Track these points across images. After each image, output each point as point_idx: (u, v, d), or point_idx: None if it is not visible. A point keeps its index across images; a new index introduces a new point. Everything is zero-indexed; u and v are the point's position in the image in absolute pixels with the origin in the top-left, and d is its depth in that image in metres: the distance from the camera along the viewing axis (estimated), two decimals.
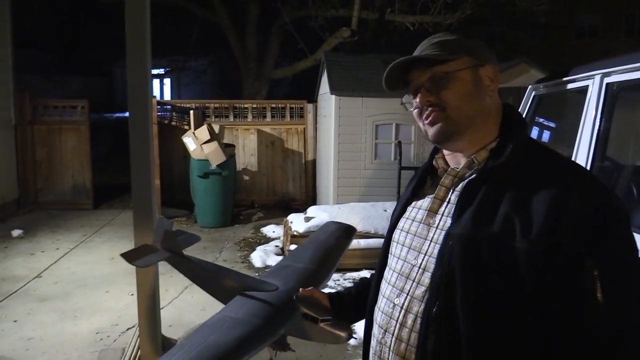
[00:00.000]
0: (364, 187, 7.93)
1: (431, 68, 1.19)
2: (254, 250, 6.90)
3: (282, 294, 1.87)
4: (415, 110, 1.24)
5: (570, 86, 3.23)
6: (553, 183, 1.06)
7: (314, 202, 9.47)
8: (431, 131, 1.21)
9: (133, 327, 4.34)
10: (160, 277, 3.97)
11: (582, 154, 2.80)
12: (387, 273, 1.28)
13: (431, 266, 1.14)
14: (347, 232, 2.90)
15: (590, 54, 14.47)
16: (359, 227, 6.18)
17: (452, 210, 1.15)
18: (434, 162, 1.31)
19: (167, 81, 24.96)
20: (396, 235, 1.30)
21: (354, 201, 7.28)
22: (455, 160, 1.25)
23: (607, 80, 2.76)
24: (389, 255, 1.30)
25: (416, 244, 1.22)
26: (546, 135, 4.17)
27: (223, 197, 8.27)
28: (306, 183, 9.99)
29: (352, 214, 6.31)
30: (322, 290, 1.66)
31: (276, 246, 7.05)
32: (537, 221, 1.02)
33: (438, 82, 1.18)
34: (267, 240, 7.52)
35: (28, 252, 6.73)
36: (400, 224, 1.31)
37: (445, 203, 1.21)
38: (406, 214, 1.30)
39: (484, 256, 1.05)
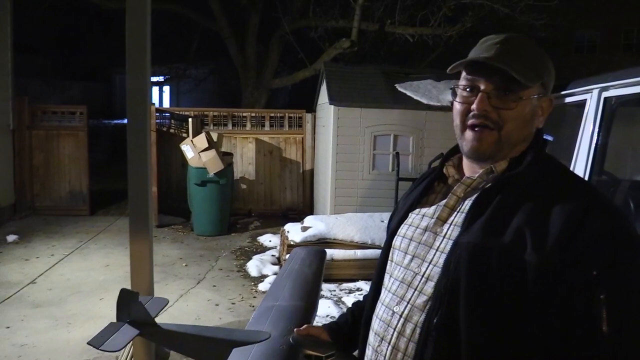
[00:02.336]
0: (362, 198, 7.92)
1: (506, 83, 1.11)
2: (250, 259, 6.88)
3: (277, 340, 1.75)
4: (462, 106, 1.17)
5: (568, 100, 3.24)
6: (570, 200, 1.05)
7: (311, 211, 9.46)
8: (473, 145, 1.15)
9: None
10: (155, 285, 3.94)
11: (580, 168, 2.80)
12: (387, 280, 1.25)
13: (435, 275, 1.12)
14: (319, 256, 2.75)
15: (589, 68, 14.55)
16: (356, 238, 6.17)
17: (462, 219, 1.12)
18: (444, 170, 1.27)
19: (166, 89, 25.00)
20: (397, 242, 1.26)
21: (352, 211, 7.27)
22: (471, 168, 1.22)
23: (605, 94, 2.77)
24: (389, 262, 1.27)
25: (420, 251, 1.19)
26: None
27: (220, 206, 8.25)
28: (304, 193, 9.98)
29: (350, 225, 6.30)
30: (317, 325, 1.60)
31: (272, 255, 7.03)
32: (551, 237, 1.01)
33: (505, 100, 1.12)
34: (263, 249, 7.49)
35: (23, 258, 6.70)
36: (402, 230, 1.27)
37: (456, 212, 1.17)
38: (408, 221, 1.27)
39: (492, 267, 1.03)
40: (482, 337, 1.03)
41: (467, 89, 1.16)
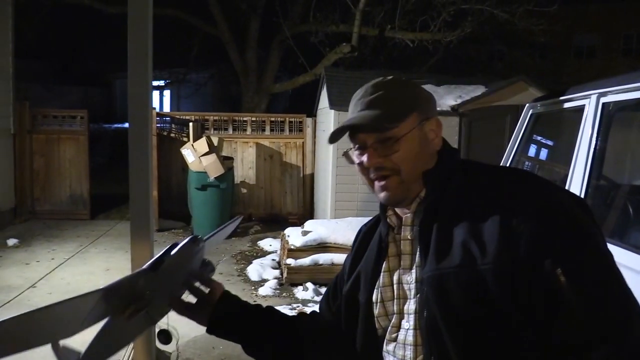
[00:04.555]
0: (362, 202, 7.93)
1: (381, 131, 1.15)
2: (251, 263, 6.88)
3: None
4: (361, 166, 1.21)
5: (567, 105, 3.26)
6: (496, 197, 1.07)
7: (311, 216, 9.47)
8: (384, 195, 1.17)
9: None
10: None
11: (579, 173, 2.82)
12: (383, 346, 1.21)
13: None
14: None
15: (589, 73, 14.57)
16: None
17: (419, 257, 1.13)
18: (388, 221, 1.25)
19: (167, 93, 25.02)
20: (379, 309, 1.22)
21: (352, 216, 7.28)
22: (402, 210, 1.22)
23: (603, 100, 2.79)
24: (377, 331, 1.22)
25: (405, 306, 1.17)
26: (543, 154, 4.19)
27: (220, 210, 8.26)
28: (304, 197, 9.99)
29: (350, 229, 6.31)
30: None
31: (273, 260, 7.04)
32: (492, 239, 1.02)
33: (388, 145, 1.15)
34: (264, 253, 7.50)
35: (23, 262, 6.70)
36: (379, 296, 1.22)
37: (413, 255, 1.17)
38: (379, 283, 1.23)
39: (454, 289, 1.03)
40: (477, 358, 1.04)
41: (358, 149, 1.21)
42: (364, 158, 1.18)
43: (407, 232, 1.19)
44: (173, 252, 1.25)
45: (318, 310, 1.46)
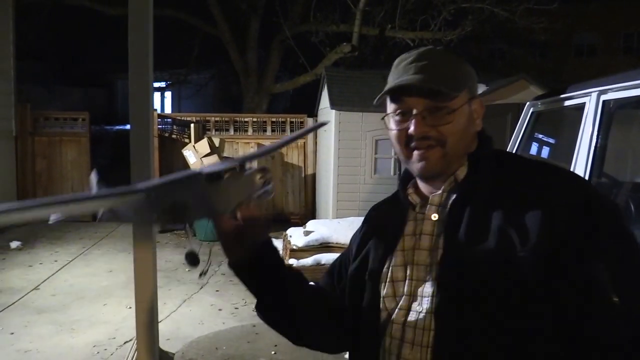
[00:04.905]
0: (364, 202, 7.93)
1: (435, 99, 1.09)
2: None
3: None
4: (400, 132, 1.14)
5: (567, 103, 3.26)
6: (538, 187, 1.06)
7: (313, 216, 9.47)
8: (422, 165, 1.12)
9: (130, 340, 4.32)
10: (158, 291, 3.96)
11: (580, 170, 2.82)
12: (388, 328, 1.14)
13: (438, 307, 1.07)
14: None
15: (589, 71, 14.55)
16: None
17: (443, 240, 1.09)
18: (410, 199, 1.20)
19: (168, 94, 25.04)
20: (389, 289, 1.16)
21: (354, 216, 7.28)
22: (430, 187, 1.18)
23: (603, 97, 2.79)
24: (381, 312, 1.16)
25: (418, 288, 1.11)
26: (544, 152, 4.19)
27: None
28: (305, 197, 10.00)
29: (352, 229, 6.30)
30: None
31: None
32: (534, 228, 0.99)
33: (439, 116, 1.10)
34: None
35: (26, 264, 6.72)
36: (388, 274, 1.16)
37: (435, 236, 1.12)
38: (391, 262, 1.17)
39: (486, 275, 1.00)
40: (497, 341, 1.00)
41: (398, 115, 1.14)
42: (411, 125, 1.11)
43: (432, 211, 1.15)
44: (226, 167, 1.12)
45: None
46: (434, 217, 1.14)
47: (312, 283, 1.35)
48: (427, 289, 1.09)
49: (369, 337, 1.18)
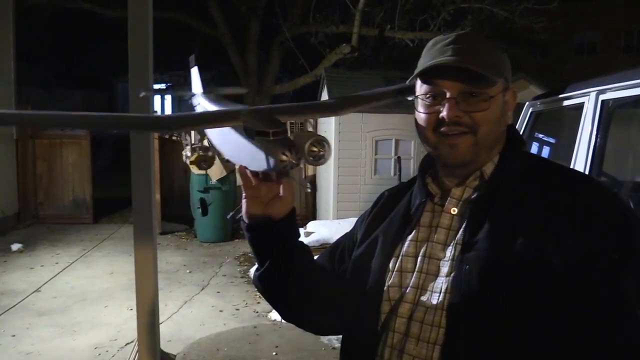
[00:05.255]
0: (364, 203, 7.93)
1: (472, 84, 1.04)
2: (254, 265, 6.87)
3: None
4: (429, 116, 1.09)
5: (566, 103, 3.26)
6: (570, 193, 1.02)
7: (313, 217, 9.47)
8: (452, 152, 1.07)
9: (132, 342, 4.33)
10: (159, 292, 3.97)
11: (579, 170, 2.82)
12: (391, 321, 1.10)
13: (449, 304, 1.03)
14: None
15: (589, 71, 14.56)
16: None
17: (462, 235, 1.05)
18: (429, 188, 1.15)
19: (167, 96, 25.08)
20: (395, 278, 1.11)
21: (354, 216, 7.27)
22: (452, 179, 1.13)
23: (602, 97, 2.80)
24: (385, 302, 1.11)
25: (426, 282, 1.07)
26: (544, 151, 4.20)
27: (223, 212, 8.27)
28: (306, 198, 9.99)
29: None
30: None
31: None
32: (564, 233, 0.97)
33: (473, 102, 1.05)
34: None
35: (27, 266, 6.73)
36: (397, 264, 1.13)
37: (453, 230, 1.08)
38: (400, 251, 1.13)
39: (508, 277, 0.97)
40: (511, 347, 0.98)
41: (430, 97, 1.09)
42: (444, 109, 1.05)
43: (452, 204, 1.10)
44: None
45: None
46: (454, 210, 1.10)
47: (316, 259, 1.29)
48: (439, 284, 1.05)
49: (367, 327, 1.13)
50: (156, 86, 19.73)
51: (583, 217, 0.98)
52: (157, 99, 24.45)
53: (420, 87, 1.12)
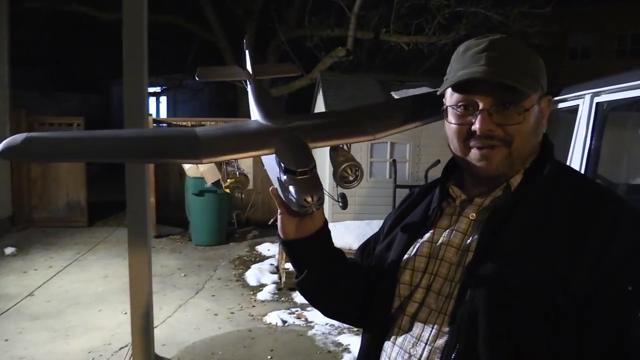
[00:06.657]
0: (359, 206, 7.93)
1: (506, 95, 1.00)
2: (249, 268, 6.88)
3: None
4: (460, 127, 1.05)
5: (561, 106, 3.27)
6: (595, 213, 0.98)
7: None
8: (483, 165, 1.03)
9: (126, 346, 4.31)
10: (153, 296, 3.95)
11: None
12: (399, 318, 1.11)
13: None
14: None
15: (583, 74, 14.63)
16: (354, 246, 6.17)
17: (477, 244, 1.03)
18: (450, 191, 1.14)
19: (163, 99, 25.02)
20: (406, 275, 1.12)
21: (349, 219, 7.28)
22: (478, 186, 1.11)
23: (597, 100, 2.81)
24: (395, 298, 1.12)
25: (436, 285, 1.07)
26: None
27: (218, 215, 8.26)
28: None
29: (347, 233, 6.31)
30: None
31: (271, 264, 7.03)
32: (580, 256, 0.93)
33: (508, 114, 1.00)
34: (262, 258, 7.50)
35: (21, 270, 6.69)
36: (410, 262, 1.12)
37: (469, 237, 1.06)
38: (414, 250, 1.13)
39: (517, 295, 0.94)
40: None
41: (461, 107, 1.05)
42: (476, 121, 1.01)
43: (472, 210, 1.09)
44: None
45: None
46: (472, 216, 1.08)
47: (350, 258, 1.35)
48: (447, 288, 1.05)
49: (378, 321, 1.16)
50: (152, 89, 19.72)
51: (602, 242, 0.94)
52: (152, 101, 24.43)
53: (452, 96, 1.07)
